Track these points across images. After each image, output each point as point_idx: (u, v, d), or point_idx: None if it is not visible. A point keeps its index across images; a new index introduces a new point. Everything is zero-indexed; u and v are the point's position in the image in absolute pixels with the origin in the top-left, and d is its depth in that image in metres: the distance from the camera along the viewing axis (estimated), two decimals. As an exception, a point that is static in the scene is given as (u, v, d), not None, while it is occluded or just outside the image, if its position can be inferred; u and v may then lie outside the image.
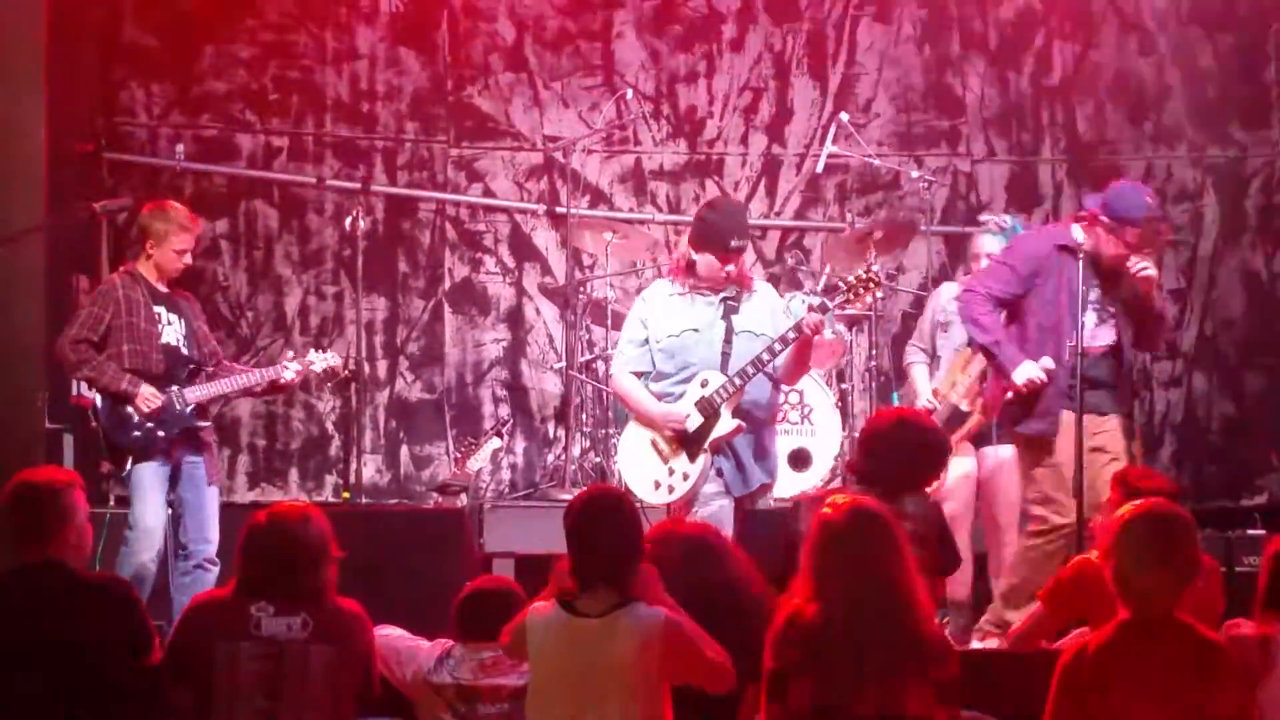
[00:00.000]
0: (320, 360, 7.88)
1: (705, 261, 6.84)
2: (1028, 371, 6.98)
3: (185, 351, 7.59)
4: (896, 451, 5.92)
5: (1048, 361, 6.99)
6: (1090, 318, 7.10)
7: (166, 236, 7.54)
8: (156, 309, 7.53)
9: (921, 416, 6.63)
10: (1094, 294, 7.10)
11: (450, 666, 5.15)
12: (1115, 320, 7.16)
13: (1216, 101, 10.75)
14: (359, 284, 8.77)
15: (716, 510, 6.66)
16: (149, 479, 7.38)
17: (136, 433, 7.38)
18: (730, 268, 6.82)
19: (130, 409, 7.37)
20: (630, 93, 10.13)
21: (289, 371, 7.76)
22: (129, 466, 7.38)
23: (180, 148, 9.76)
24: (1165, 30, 10.73)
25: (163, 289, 7.60)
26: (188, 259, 7.66)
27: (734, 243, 6.81)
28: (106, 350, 7.42)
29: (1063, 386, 7.03)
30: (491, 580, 5.53)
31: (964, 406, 7.98)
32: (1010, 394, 7.06)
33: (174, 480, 7.48)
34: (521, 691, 4.89)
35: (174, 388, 7.45)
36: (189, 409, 7.49)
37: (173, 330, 7.57)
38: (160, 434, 7.40)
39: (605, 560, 4.76)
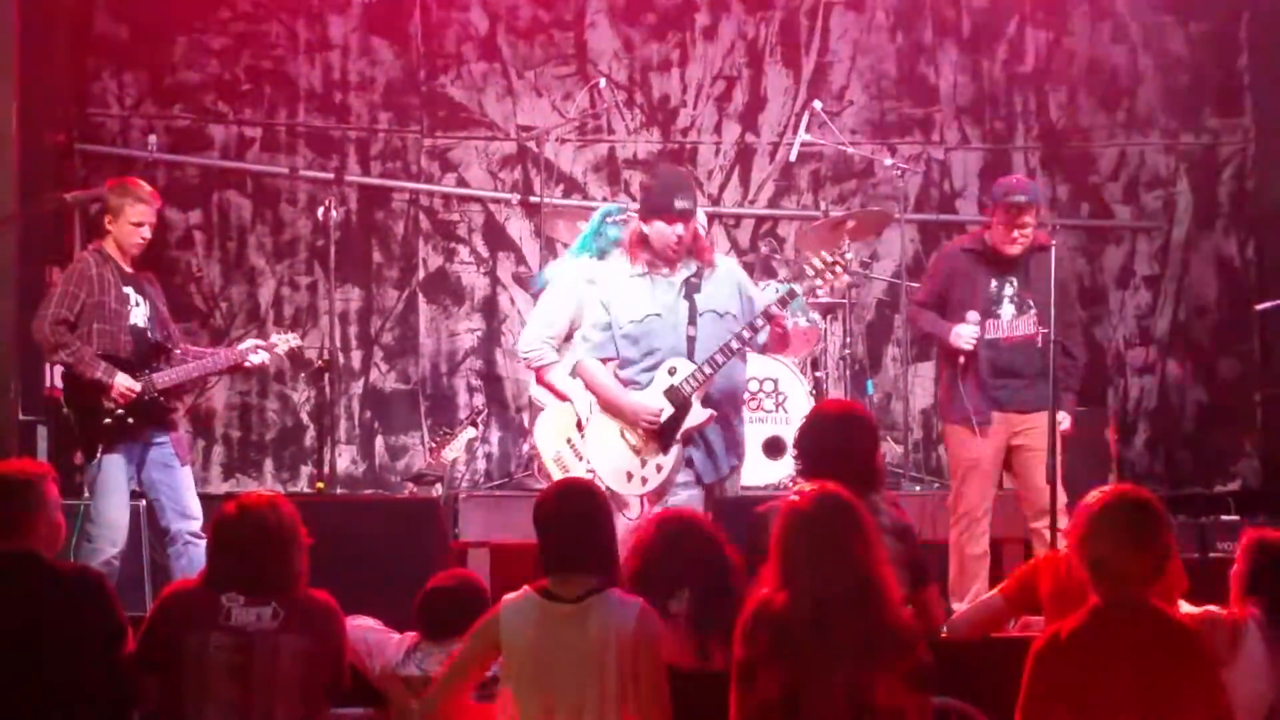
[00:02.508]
0: (283, 341, 7.83)
1: (656, 231, 6.71)
2: (961, 333, 7.52)
3: (151, 334, 7.55)
4: (822, 446, 5.50)
5: (974, 315, 7.51)
6: (1007, 310, 7.50)
7: (122, 209, 7.49)
8: (125, 290, 7.48)
9: (829, 407, 6.23)
10: (1009, 287, 7.52)
11: (418, 660, 5.15)
12: (1036, 310, 7.46)
13: (1189, 89, 10.79)
14: (332, 274, 8.73)
15: (687, 499, 6.56)
16: (114, 473, 7.33)
17: (106, 419, 7.34)
18: (679, 228, 6.67)
19: (103, 396, 7.33)
20: (603, 81, 10.11)
21: (256, 356, 7.72)
22: (99, 454, 7.32)
23: (153, 138, 9.69)
24: (1138, 18, 10.78)
25: (128, 269, 7.55)
26: (146, 234, 7.56)
27: (679, 203, 6.66)
28: (77, 330, 7.36)
29: (984, 381, 7.50)
30: (452, 577, 5.50)
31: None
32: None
33: (140, 464, 7.44)
34: (491, 682, 4.88)
35: (146, 373, 7.41)
36: (159, 395, 7.46)
37: (140, 312, 7.53)
38: (130, 420, 7.36)
39: (578, 551, 4.76)
